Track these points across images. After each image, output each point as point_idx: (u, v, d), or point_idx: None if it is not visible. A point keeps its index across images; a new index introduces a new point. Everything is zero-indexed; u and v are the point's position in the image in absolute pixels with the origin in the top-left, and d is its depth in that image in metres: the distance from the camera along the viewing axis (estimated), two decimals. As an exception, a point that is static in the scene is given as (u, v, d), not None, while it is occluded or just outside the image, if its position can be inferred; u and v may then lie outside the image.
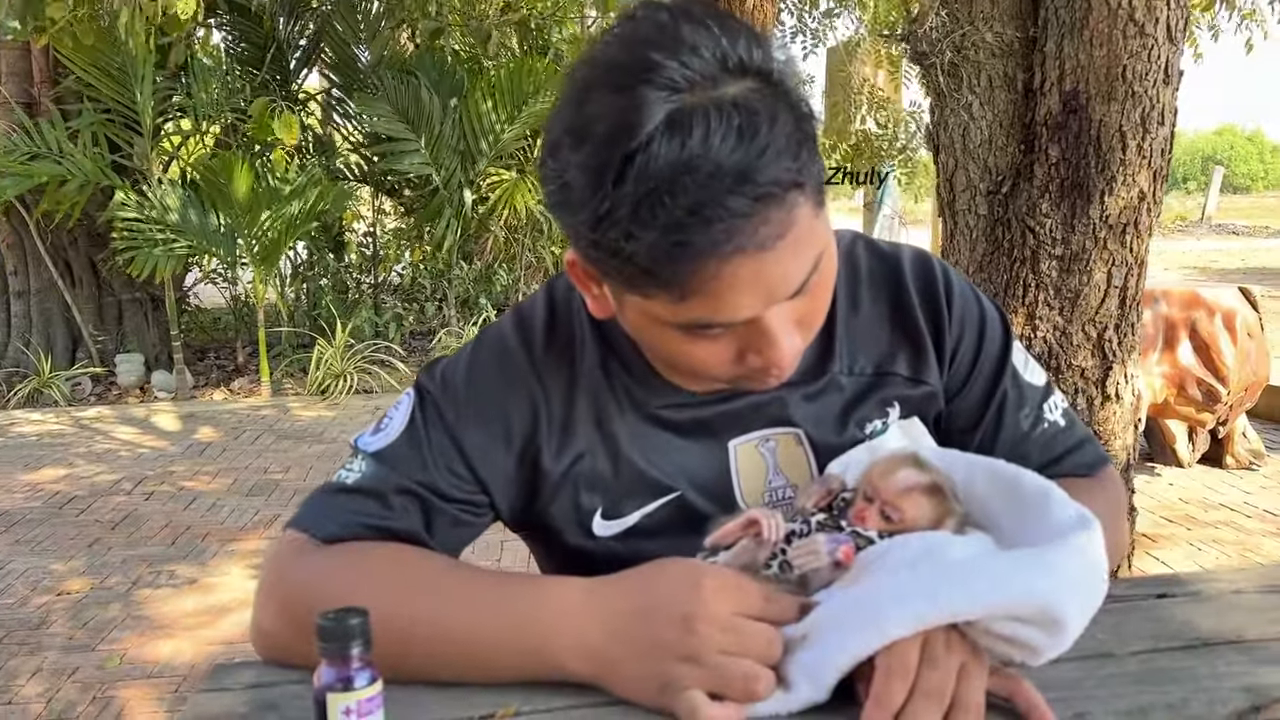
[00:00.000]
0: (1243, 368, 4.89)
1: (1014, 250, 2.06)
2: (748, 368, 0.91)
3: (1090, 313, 2.05)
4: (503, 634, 0.88)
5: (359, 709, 0.77)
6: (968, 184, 2.11)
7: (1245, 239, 19.36)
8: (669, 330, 0.87)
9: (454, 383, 1.05)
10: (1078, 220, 2.00)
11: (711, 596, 0.83)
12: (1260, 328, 5.07)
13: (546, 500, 1.05)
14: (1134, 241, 2.03)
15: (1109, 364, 2.09)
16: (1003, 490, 0.96)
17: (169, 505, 5.03)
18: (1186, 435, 5.08)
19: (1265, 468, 5.12)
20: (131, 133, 7.64)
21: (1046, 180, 2.00)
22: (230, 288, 9.08)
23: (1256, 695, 0.86)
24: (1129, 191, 1.98)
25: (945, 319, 1.10)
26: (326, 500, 1.02)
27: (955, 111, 2.09)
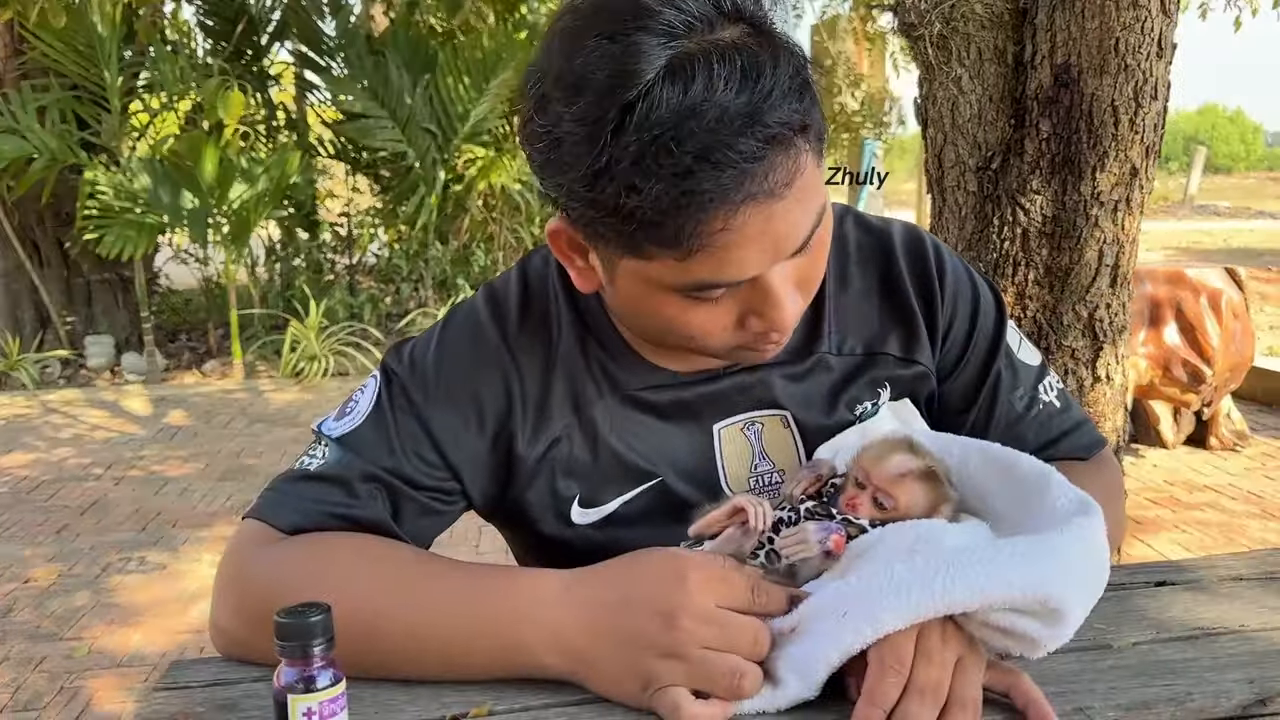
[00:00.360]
0: (1228, 348, 4.89)
1: (1004, 228, 2.02)
2: (748, 334, 0.88)
3: (1081, 292, 2.02)
4: (475, 629, 0.84)
5: (321, 710, 0.74)
6: (956, 160, 2.07)
7: (1228, 220, 19.48)
8: (667, 296, 0.84)
9: (422, 364, 1.00)
10: (1068, 197, 1.96)
11: (695, 588, 0.79)
12: (1245, 308, 5.07)
13: (521, 487, 1.00)
14: (1125, 219, 2.00)
15: (1099, 344, 2.06)
16: (999, 475, 0.93)
17: (139, 490, 4.97)
18: (1171, 417, 5.08)
19: (1249, 449, 5.13)
20: (99, 109, 7.52)
21: (1037, 156, 1.96)
22: (202, 268, 8.98)
23: (1261, 687, 0.83)
24: (1121, 168, 1.95)
25: (938, 296, 1.06)
26: (288, 488, 0.97)
27: (944, 85, 2.04)
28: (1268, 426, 5.53)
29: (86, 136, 7.56)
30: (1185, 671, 0.86)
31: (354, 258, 9.62)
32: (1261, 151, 41.56)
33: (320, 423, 1.01)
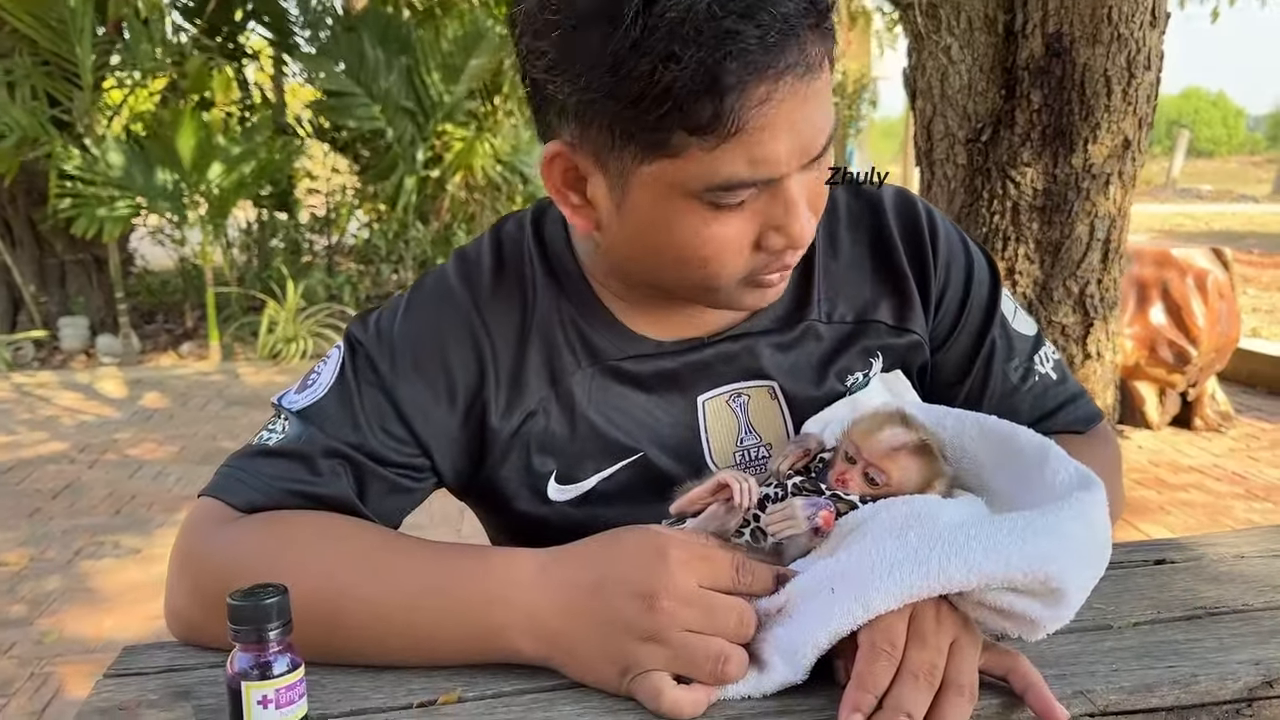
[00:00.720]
0: (1214, 329, 4.89)
1: (994, 201, 1.98)
2: (763, 258, 0.85)
3: (1072, 267, 1.98)
4: (445, 613, 0.79)
5: (278, 698, 0.70)
6: (946, 132, 2.02)
7: (1210, 203, 19.57)
8: (689, 206, 0.81)
9: (389, 333, 0.95)
10: (1060, 170, 1.92)
11: (677, 568, 0.74)
12: (1231, 288, 5.07)
13: (495, 463, 0.96)
14: (1117, 192, 1.96)
15: (1090, 320, 2.02)
16: (996, 448, 0.89)
17: (113, 474, 4.91)
18: (1157, 398, 5.07)
19: (1233, 430, 5.13)
20: (71, 86, 7.40)
21: (1028, 127, 1.92)
22: (178, 249, 8.88)
23: (1267, 669, 0.81)
24: (1113, 139, 1.91)
25: (930, 262, 1.02)
26: (244, 465, 0.92)
27: (933, 55, 2.00)
28: (1251, 408, 5.54)
29: (58, 115, 7.44)
30: (1189, 653, 0.83)
31: (333, 238, 9.54)
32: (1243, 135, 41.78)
33: (280, 396, 0.96)
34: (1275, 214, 17.76)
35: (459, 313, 0.95)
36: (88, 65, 7.22)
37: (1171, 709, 0.78)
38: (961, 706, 0.72)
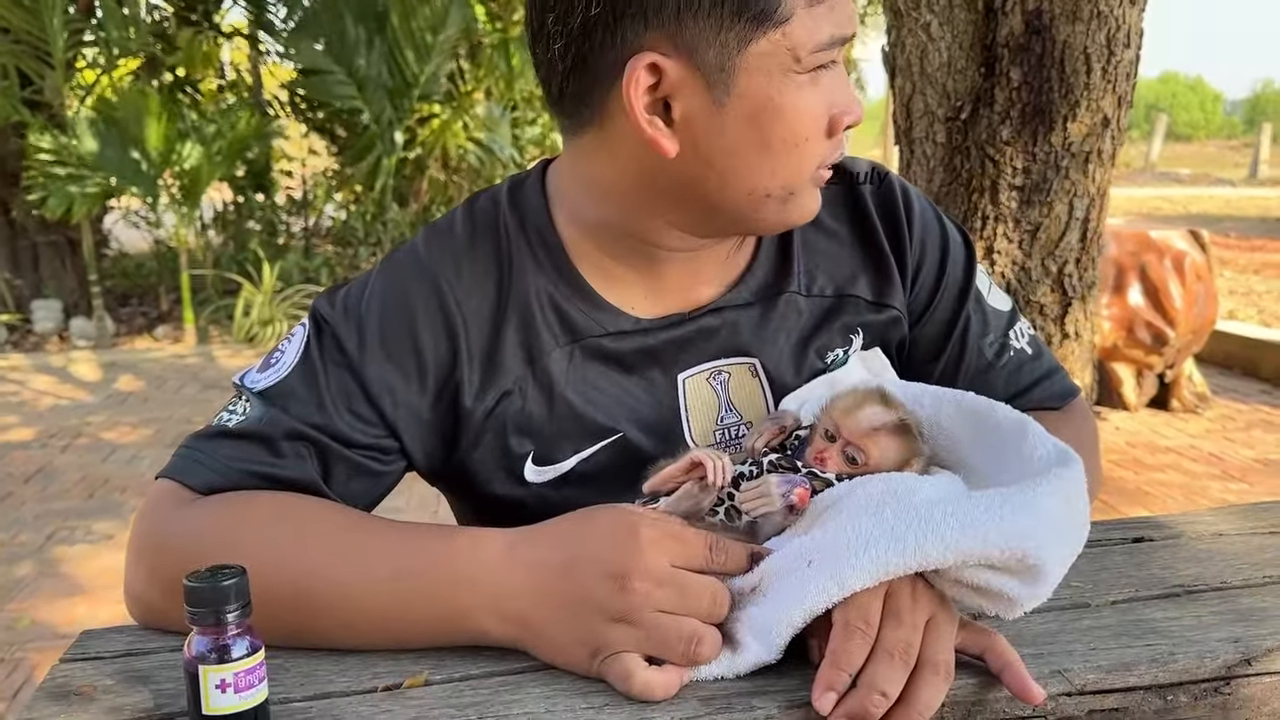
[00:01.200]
0: (1191, 310, 4.91)
1: (973, 180, 1.97)
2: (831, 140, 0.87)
3: (1050, 246, 1.97)
4: (411, 595, 0.77)
5: (236, 682, 0.68)
6: (925, 110, 2.01)
7: (1188, 187, 19.69)
8: (795, 82, 0.83)
9: (356, 310, 0.92)
10: (1039, 148, 1.91)
11: (648, 548, 0.73)
12: (1209, 270, 5.09)
13: (468, 445, 0.93)
14: (1096, 171, 1.95)
15: (1068, 300, 2.01)
16: (974, 425, 0.88)
17: (86, 457, 4.87)
18: (1134, 379, 5.09)
19: (1210, 411, 5.16)
20: (43, 65, 7.29)
21: (1008, 105, 1.90)
22: (153, 231, 8.79)
23: (1246, 647, 0.80)
24: (1093, 118, 1.90)
25: (906, 238, 1.01)
26: (203, 446, 0.89)
27: (913, 32, 1.98)
28: (1227, 389, 5.57)
29: (29, 95, 7.33)
30: (1167, 631, 0.82)
31: (309, 220, 9.46)
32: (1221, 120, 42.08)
33: (242, 375, 0.94)
34: (1252, 198, 17.89)
35: (431, 289, 0.92)
36: (59, 44, 7.12)
37: (1149, 688, 0.78)
38: (937, 685, 0.71)
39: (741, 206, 0.88)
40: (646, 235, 0.92)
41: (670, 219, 0.91)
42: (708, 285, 0.97)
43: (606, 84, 0.84)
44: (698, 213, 0.90)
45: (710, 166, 0.86)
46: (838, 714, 0.69)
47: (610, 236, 0.93)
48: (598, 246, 0.94)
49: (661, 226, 0.91)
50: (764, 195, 0.86)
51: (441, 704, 0.72)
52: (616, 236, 0.93)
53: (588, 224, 0.94)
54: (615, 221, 0.92)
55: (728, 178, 0.86)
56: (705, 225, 0.91)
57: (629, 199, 0.90)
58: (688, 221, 0.91)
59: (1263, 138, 24.72)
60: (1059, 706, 0.76)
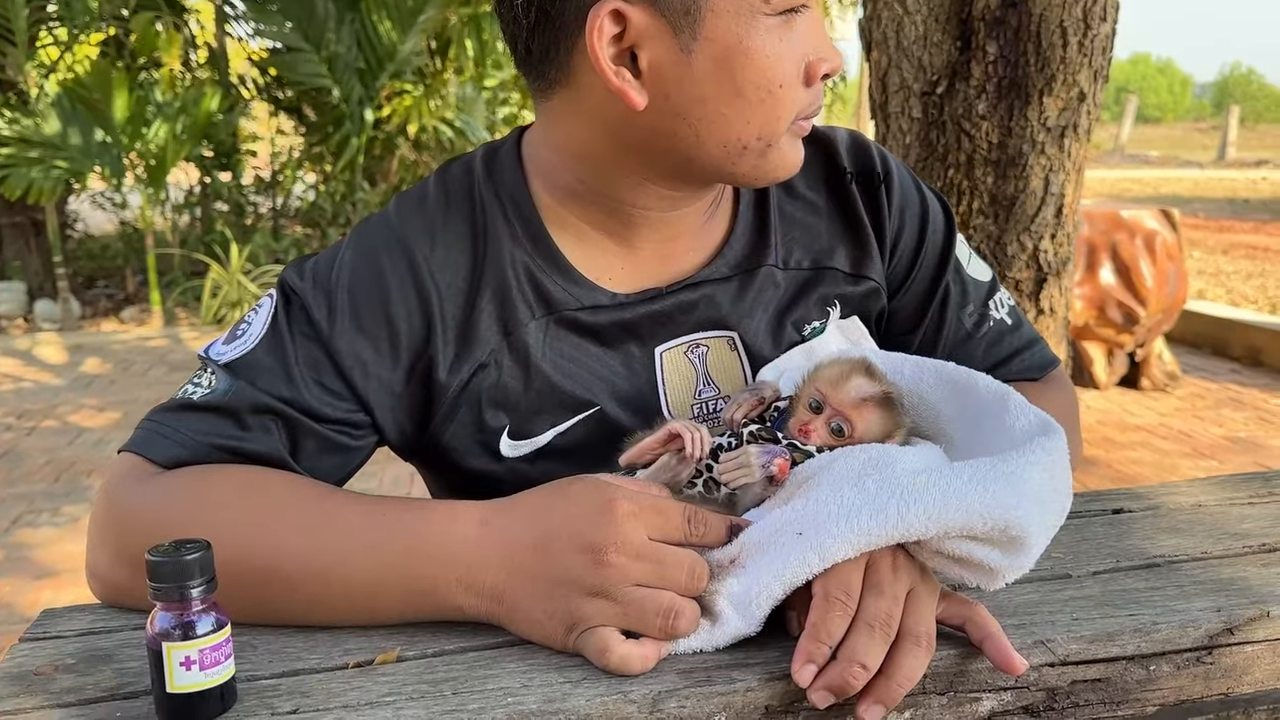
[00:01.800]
0: (1162, 290, 4.94)
1: (948, 155, 1.96)
2: (810, 89, 0.85)
3: (1025, 222, 1.97)
4: (383, 571, 0.75)
5: (202, 659, 0.66)
6: (901, 84, 1.99)
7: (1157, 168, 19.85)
8: (765, 25, 0.81)
9: (326, 280, 0.89)
10: (1015, 123, 1.90)
11: (625, 521, 0.71)
12: (1179, 249, 5.12)
13: (442, 420, 0.91)
14: (1072, 146, 1.94)
15: (1043, 276, 2.01)
16: (955, 395, 0.87)
17: (52, 440, 4.80)
18: (1105, 358, 5.12)
19: (1179, 390, 5.21)
20: (4, 43, 7.15)
21: (984, 79, 1.89)
22: (118, 212, 8.66)
23: (1228, 616, 0.79)
24: (1069, 92, 1.89)
25: (884, 207, 1.00)
26: (167, 419, 0.86)
27: (889, 5, 1.96)
28: (1196, 368, 5.63)
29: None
30: (1149, 601, 0.82)
31: (277, 200, 9.35)
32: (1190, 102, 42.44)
33: (208, 347, 0.91)
34: (1220, 179, 18.06)
35: (403, 259, 0.90)
36: (21, 22, 6.98)
37: (1132, 658, 0.77)
38: (918, 656, 0.70)
39: (718, 160, 0.85)
40: (623, 197, 0.90)
41: (646, 175, 0.89)
42: (684, 258, 0.95)
43: (571, 37, 0.82)
44: (674, 168, 0.88)
45: (682, 118, 0.83)
46: (817, 686, 0.68)
47: (587, 202, 0.91)
48: (574, 214, 0.92)
49: (638, 185, 0.89)
50: (740, 147, 0.84)
51: (414, 680, 0.71)
52: (593, 201, 0.91)
53: (564, 190, 0.92)
54: (591, 184, 0.90)
55: (700, 129, 0.84)
56: (683, 181, 0.89)
57: (603, 159, 0.88)
58: (665, 178, 0.89)
59: (1230, 120, 24.96)
60: (1042, 677, 0.76)
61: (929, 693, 0.73)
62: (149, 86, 7.42)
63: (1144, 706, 0.79)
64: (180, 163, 7.92)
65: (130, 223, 8.76)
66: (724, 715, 0.69)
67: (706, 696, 0.69)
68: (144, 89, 7.27)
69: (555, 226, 0.92)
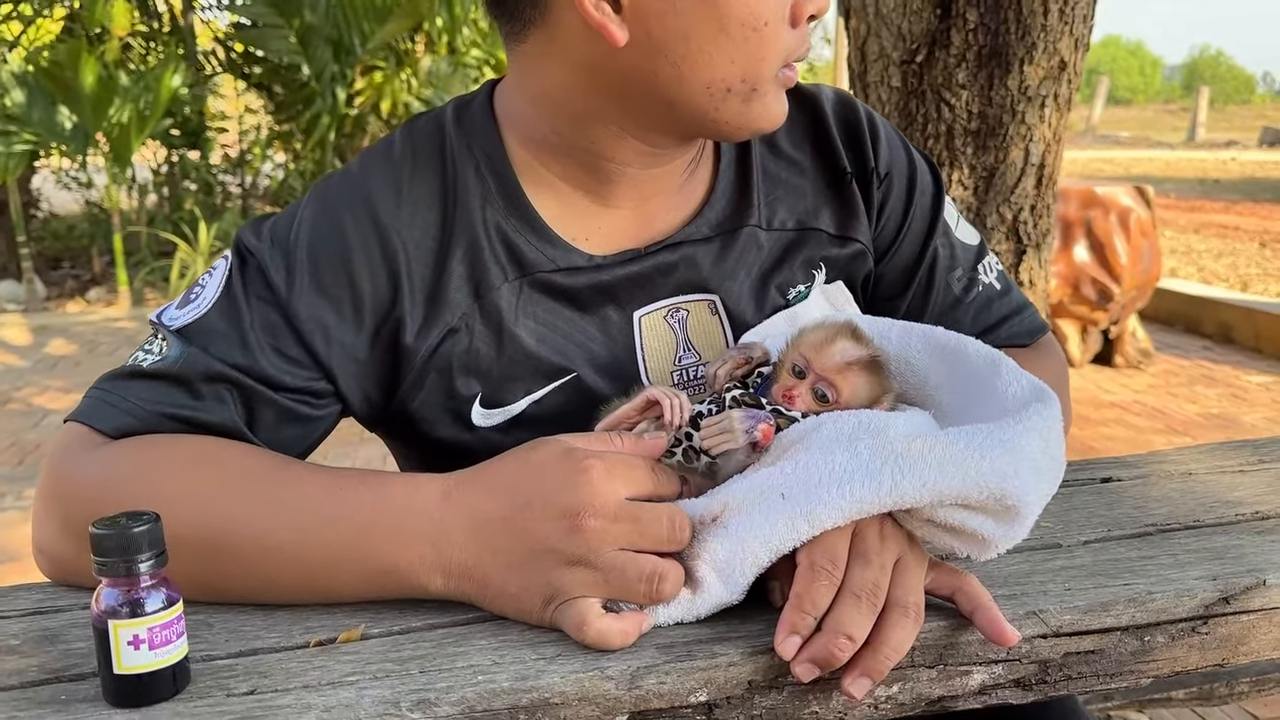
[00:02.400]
0: (1136, 267, 4.95)
1: (928, 125, 1.93)
2: (796, 32, 0.82)
3: (1005, 193, 1.94)
4: (340, 548, 0.71)
5: (151, 638, 0.62)
6: (880, 53, 1.96)
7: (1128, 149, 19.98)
8: None
9: (285, 240, 0.85)
10: (995, 92, 1.88)
11: (599, 482, 0.68)
12: (1153, 226, 5.13)
13: (410, 387, 0.87)
14: (1053, 116, 1.92)
15: (1023, 248, 1.99)
16: (943, 360, 0.84)
17: (16, 423, 4.70)
18: (1079, 335, 5.13)
19: (1153, 367, 5.23)
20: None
21: (964, 48, 1.86)
22: (84, 191, 8.52)
23: (1224, 585, 0.77)
24: (1049, 60, 1.86)
25: (872, 169, 0.96)
26: (115, 387, 0.82)
27: (867, -29, 1.93)
28: (1169, 345, 5.65)
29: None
30: (1143, 570, 0.80)
31: (246, 179, 9.22)
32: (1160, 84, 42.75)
33: (160, 312, 0.86)
34: (1190, 159, 18.20)
35: (367, 217, 0.85)
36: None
37: (1127, 628, 0.75)
38: (906, 628, 0.67)
39: (700, 103, 0.81)
40: (601, 151, 0.86)
41: (624, 124, 0.85)
42: (663, 218, 0.92)
43: None
44: (654, 114, 0.83)
45: (663, 55, 0.79)
46: (802, 659, 0.65)
47: (563, 155, 0.87)
48: (550, 170, 0.88)
49: (616, 136, 0.85)
50: (724, 89, 0.80)
51: (379, 659, 0.67)
52: (569, 155, 0.87)
53: (539, 144, 0.88)
54: (567, 137, 0.86)
55: (683, 68, 0.80)
56: (663, 129, 0.85)
57: (580, 107, 0.84)
58: (643, 126, 0.85)
59: (1200, 101, 25.15)
60: (1034, 649, 0.73)
61: (917, 665, 0.71)
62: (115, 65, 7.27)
63: (1138, 679, 0.77)
64: (147, 141, 7.79)
65: (96, 202, 8.61)
66: (705, 691, 0.66)
67: (687, 672, 0.66)
68: (108, 67, 7.13)
69: (530, 183, 0.88)
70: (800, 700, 0.69)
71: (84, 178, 8.38)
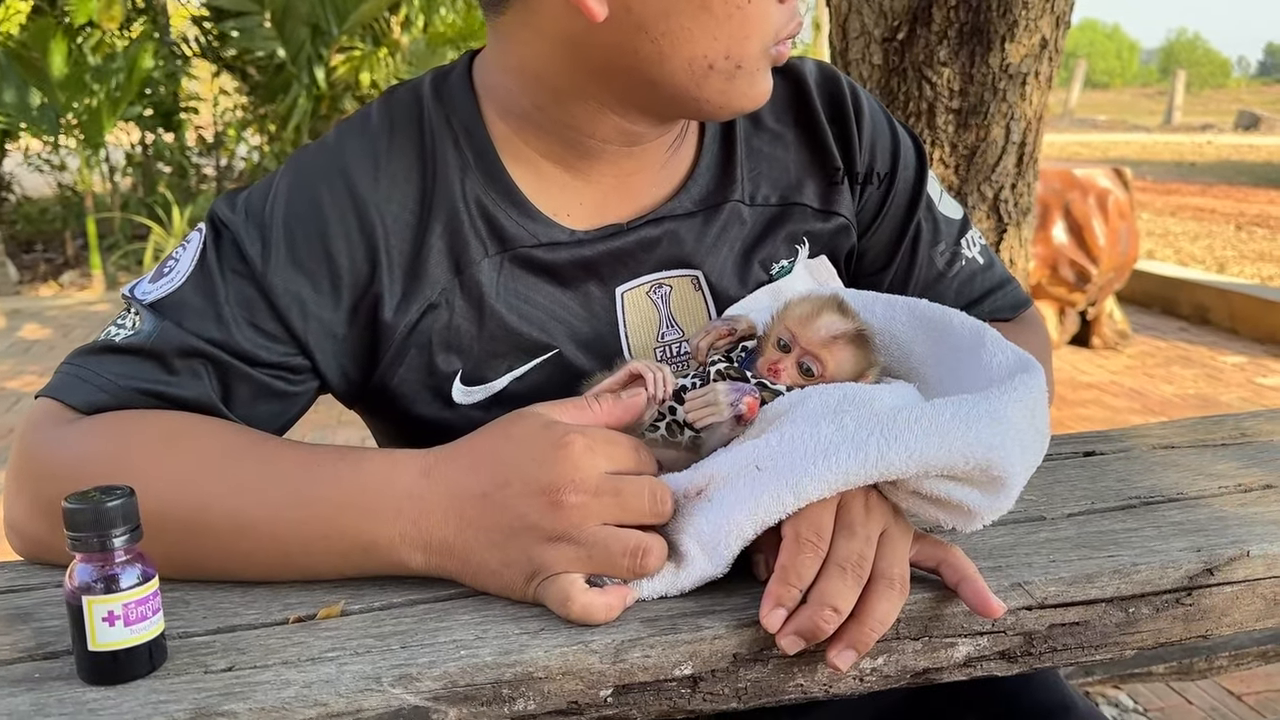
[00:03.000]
0: (1114, 248, 4.97)
1: (909, 103, 1.92)
2: (784, 15, 0.80)
3: (987, 171, 1.94)
4: (318, 526, 0.70)
5: (126, 614, 0.61)
6: (862, 30, 1.95)
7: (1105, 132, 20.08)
8: None
9: (260, 213, 0.83)
10: (976, 70, 1.87)
11: (579, 456, 0.67)
12: (1131, 208, 5.15)
13: (390, 364, 0.86)
14: (1034, 94, 1.92)
15: (1004, 227, 1.99)
16: (927, 333, 0.84)
17: (-11, 408, 4.63)
18: (1056, 317, 5.16)
19: (1130, 349, 5.26)
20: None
21: (945, 25, 1.85)
22: (57, 174, 8.41)
23: (1208, 556, 0.77)
24: (1031, 38, 1.86)
25: (855, 142, 0.95)
26: (87, 362, 0.80)
27: (848, -52, 1.92)
28: (1146, 326, 5.69)
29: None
30: (1128, 542, 0.80)
31: (221, 162, 9.13)
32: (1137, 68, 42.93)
33: (132, 286, 0.85)
34: (1167, 142, 18.30)
35: (344, 190, 0.84)
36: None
37: (1112, 600, 0.75)
38: (892, 599, 0.67)
39: (682, 81, 0.80)
40: (581, 127, 0.85)
41: (605, 101, 0.83)
42: (646, 193, 0.91)
43: None
44: (635, 92, 0.82)
45: (644, 32, 0.77)
46: (787, 631, 0.65)
47: (544, 131, 0.86)
48: (530, 145, 0.87)
49: (596, 113, 0.84)
50: (706, 66, 0.79)
51: (360, 634, 0.66)
52: (550, 130, 0.86)
53: (519, 118, 0.86)
54: (547, 111, 0.85)
55: (665, 45, 0.78)
56: (644, 108, 0.84)
57: (560, 83, 0.83)
58: (624, 104, 0.83)
59: (1177, 85, 25.27)
60: (1019, 621, 0.73)
61: (902, 637, 0.71)
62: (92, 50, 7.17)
63: (1122, 650, 0.77)
64: (120, 123, 7.69)
65: (69, 185, 8.51)
66: (690, 664, 0.66)
67: (672, 645, 0.65)
68: (80, 48, 7.03)
69: (510, 158, 0.87)
70: (785, 673, 0.68)
71: (56, 160, 8.27)
